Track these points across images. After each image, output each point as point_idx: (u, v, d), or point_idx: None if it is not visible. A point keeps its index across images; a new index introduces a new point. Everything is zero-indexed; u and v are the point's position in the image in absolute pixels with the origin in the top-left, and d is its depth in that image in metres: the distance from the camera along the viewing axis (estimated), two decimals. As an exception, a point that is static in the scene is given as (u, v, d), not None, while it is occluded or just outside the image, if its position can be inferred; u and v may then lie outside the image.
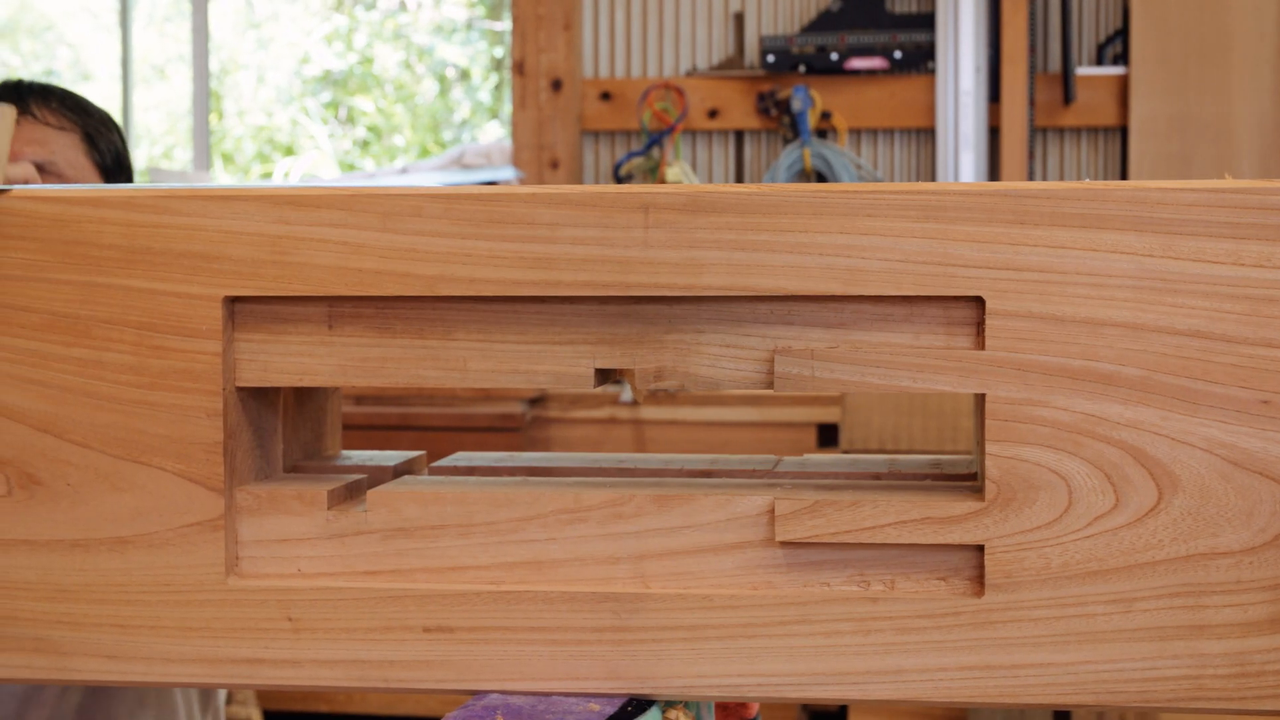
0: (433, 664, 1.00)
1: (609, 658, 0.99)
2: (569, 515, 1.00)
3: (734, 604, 0.98)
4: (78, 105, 1.95)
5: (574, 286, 0.97)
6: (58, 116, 1.91)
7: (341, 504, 1.04)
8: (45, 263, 1.01)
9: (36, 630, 1.03)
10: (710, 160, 4.56)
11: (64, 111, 1.92)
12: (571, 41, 4.54)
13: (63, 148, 1.91)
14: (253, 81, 10.25)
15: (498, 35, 9.79)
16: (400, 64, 10.06)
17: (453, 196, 0.98)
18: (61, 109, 1.92)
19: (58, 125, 1.90)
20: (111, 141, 1.96)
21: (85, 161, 1.92)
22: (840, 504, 0.98)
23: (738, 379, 0.99)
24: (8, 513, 1.02)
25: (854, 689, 0.98)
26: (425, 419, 3.92)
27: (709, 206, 0.96)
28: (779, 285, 0.96)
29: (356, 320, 1.01)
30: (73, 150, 1.92)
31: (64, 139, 1.91)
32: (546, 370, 1.00)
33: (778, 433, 3.78)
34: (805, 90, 4.34)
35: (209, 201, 1.00)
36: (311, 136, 10.04)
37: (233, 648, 1.01)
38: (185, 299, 1.00)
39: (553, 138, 4.54)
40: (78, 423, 1.02)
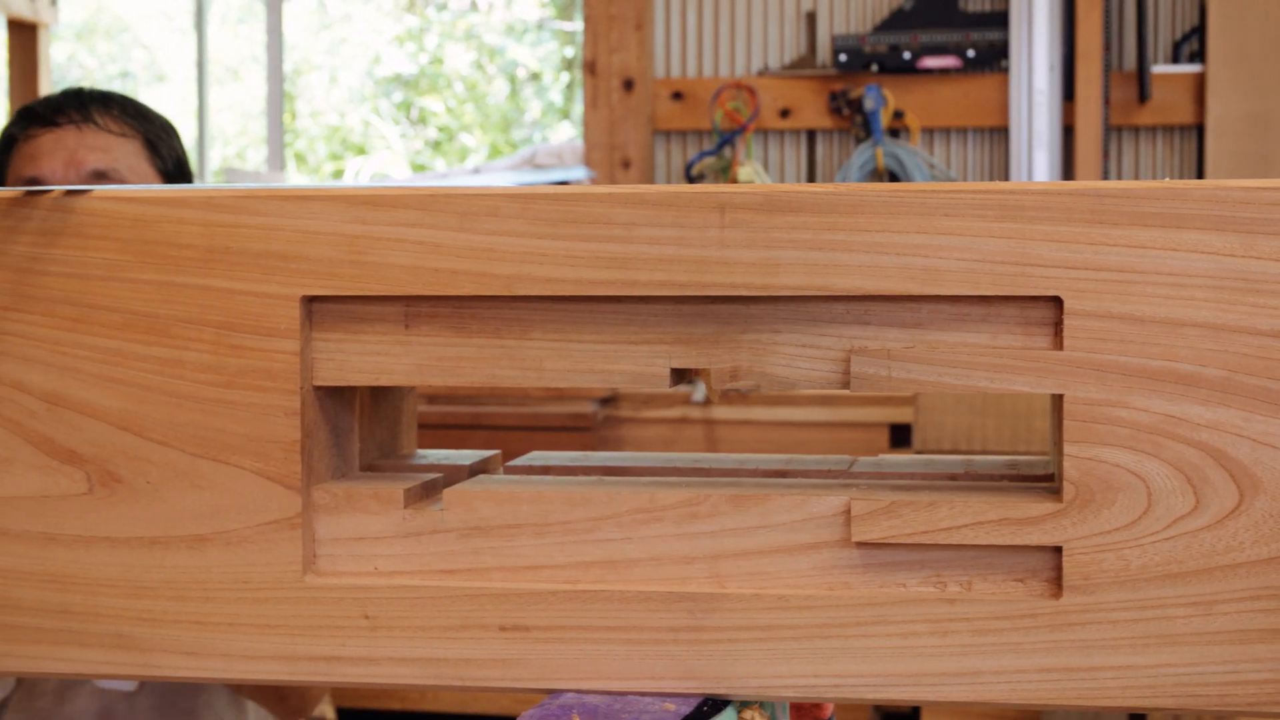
0: (509, 663, 1.00)
1: (684, 657, 0.99)
2: (645, 515, 1.00)
3: (810, 604, 0.98)
4: (139, 112, 1.97)
5: (650, 286, 0.97)
6: (119, 124, 1.93)
7: (418, 503, 1.04)
8: (125, 262, 1.02)
9: (117, 627, 1.03)
10: (782, 160, 4.55)
11: (125, 119, 1.94)
12: (643, 41, 4.54)
13: (125, 154, 1.93)
14: (325, 82, 10.31)
15: (569, 35, 9.80)
16: (471, 64, 10.09)
17: (530, 196, 0.98)
18: (123, 116, 1.94)
19: (119, 132, 1.92)
20: (173, 147, 1.98)
21: (147, 168, 1.94)
22: (917, 505, 0.97)
23: (813, 379, 0.99)
24: (89, 510, 1.03)
25: (930, 690, 0.98)
26: (497, 418, 3.93)
27: (785, 206, 0.96)
28: (855, 285, 0.96)
29: (433, 320, 1.01)
30: (134, 157, 1.94)
31: (126, 146, 1.93)
32: (622, 370, 1.00)
33: (850, 433, 3.77)
34: (878, 89, 4.33)
35: (287, 201, 1.00)
36: (383, 137, 10.09)
37: (310, 645, 1.02)
38: (263, 298, 1.01)
39: (624, 137, 4.54)
40: (157, 421, 1.03)
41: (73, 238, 1.02)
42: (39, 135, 1.92)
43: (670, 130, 4.62)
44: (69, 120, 1.91)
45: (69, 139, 1.90)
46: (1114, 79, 4.32)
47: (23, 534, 1.04)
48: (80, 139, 1.90)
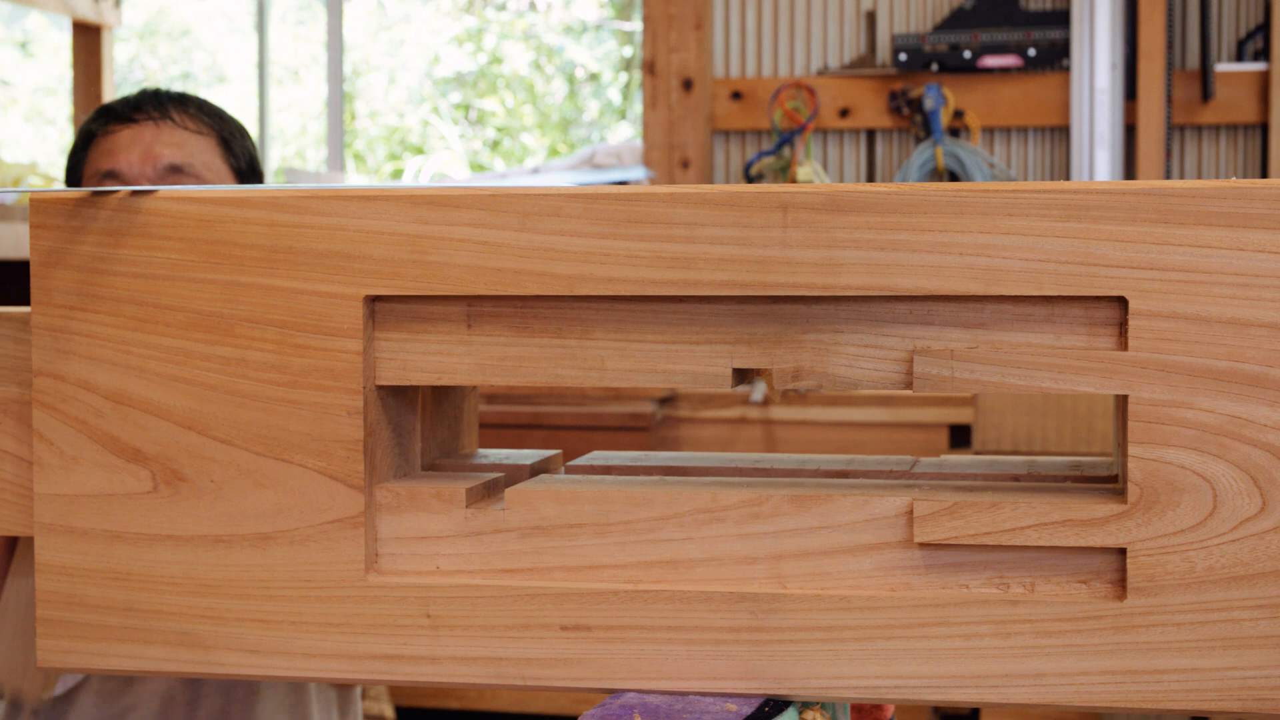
0: (570, 662, 1.01)
1: (746, 658, 0.99)
2: (706, 515, 1.00)
3: (872, 605, 0.98)
4: (214, 111, 2.00)
5: (712, 286, 0.97)
6: (195, 121, 1.96)
7: (480, 502, 1.04)
8: (190, 262, 1.03)
9: (181, 624, 1.04)
10: (841, 159, 4.54)
11: (201, 117, 1.97)
12: (702, 41, 4.54)
13: (199, 150, 1.96)
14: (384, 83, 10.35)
15: (627, 35, 9.81)
16: (530, 64, 10.11)
17: (591, 196, 0.98)
18: (199, 114, 1.97)
19: (195, 130, 1.95)
20: (245, 146, 2.01)
21: (221, 165, 1.97)
22: (980, 505, 0.97)
23: (876, 379, 0.99)
24: (154, 508, 1.04)
25: (993, 692, 0.97)
26: (556, 418, 3.94)
27: (848, 206, 0.96)
28: (918, 285, 0.96)
29: (495, 319, 1.01)
30: (209, 154, 1.97)
31: (201, 143, 1.95)
32: (684, 370, 1.00)
33: (909, 433, 3.76)
34: (938, 89, 4.31)
35: (350, 202, 1.01)
36: (442, 137, 10.12)
37: (372, 644, 1.02)
38: (326, 298, 1.01)
39: (683, 137, 4.54)
40: (221, 420, 1.03)
41: (139, 238, 1.03)
42: (117, 131, 1.95)
43: (729, 130, 4.61)
44: (147, 117, 1.94)
45: (146, 134, 1.93)
46: (1177, 77, 4.29)
47: (89, 532, 1.04)
48: (157, 135, 1.93)
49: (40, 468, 1.05)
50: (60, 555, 1.05)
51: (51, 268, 1.04)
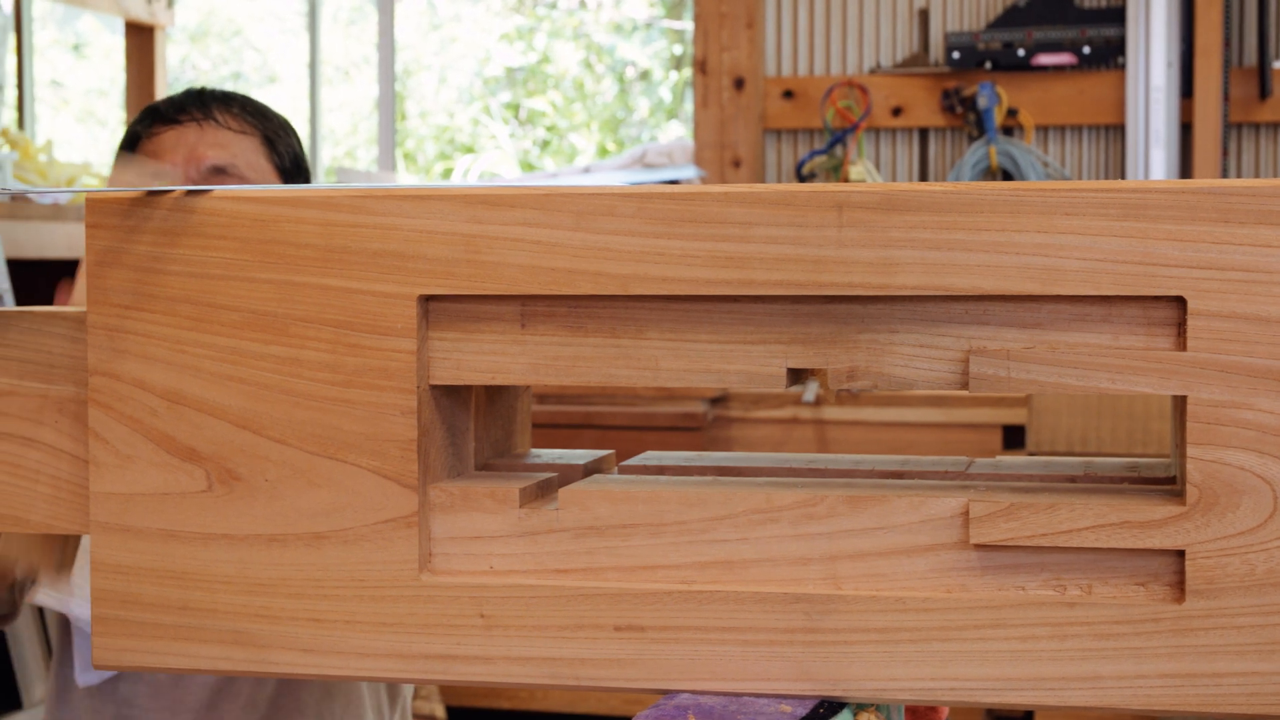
0: (624, 662, 1.00)
1: (800, 659, 0.99)
2: (761, 515, 1.00)
3: (927, 606, 0.97)
4: (258, 110, 2.00)
5: (767, 286, 0.97)
6: (239, 121, 1.96)
7: (533, 502, 1.04)
8: (245, 262, 1.03)
9: (235, 623, 1.04)
10: (894, 158, 4.53)
11: (245, 116, 1.97)
12: (754, 40, 4.53)
13: (243, 151, 1.96)
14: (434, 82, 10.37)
15: (677, 34, 9.80)
16: (580, 63, 10.12)
17: (646, 196, 0.98)
18: (242, 114, 1.97)
19: (239, 129, 1.95)
20: (290, 145, 2.01)
21: (265, 164, 1.97)
22: (1036, 507, 0.96)
23: (931, 379, 0.98)
24: (208, 507, 1.04)
25: (1049, 695, 0.97)
26: (607, 418, 3.93)
27: (903, 205, 0.95)
28: (974, 285, 0.95)
29: (549, 319, 1.01)
30: (253, 153, 1.97)
31: (245, 142, 1.96)
32: (738, 370, 0.99)
33: (962, 434, 3.74)
34: (991, 87, 4.30)
35: (404, 201, 1.01)
36: (492, 136, 10.13)
37: (426, 643, 1.02)
38: (381, 298, 1.01)
39: (735, 136, 4.53)
40: (275, 419, 1.03)
41: (193, 237, 1.03)
42: (161, 133, 1.95)
43: (781, 129, 4.60)
44: (190, 118, 1.95)
45: (190, 135, 1.94)
46: (1233, 75, 4.26)
47: (144, 530, 1.05)
48: (201, 135, 1.93)
49: (96, 466, 1.06)
50: (116, 554, 1.05)
51: (107, 267, 1.05)
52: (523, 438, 1.21)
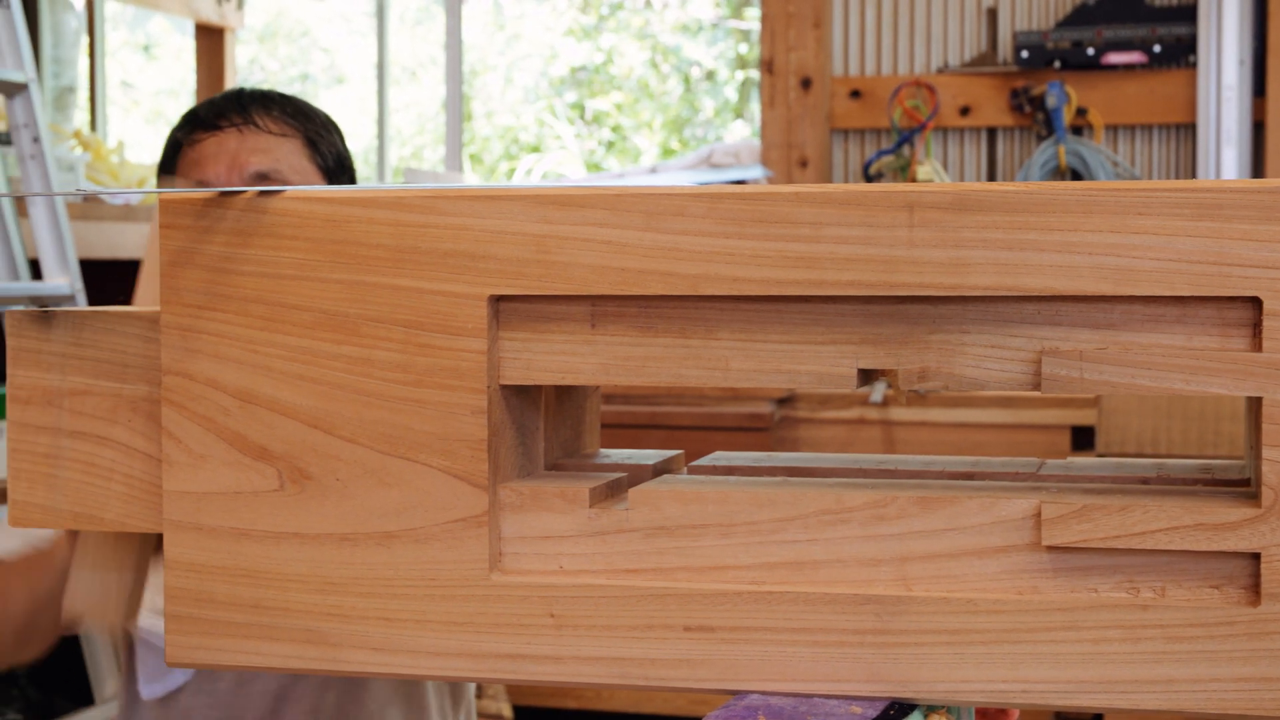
0: (694, 663, 1.00)
1: (871, 660, 0.98)
2: (831, 516, 0.99)
3: (998, 608, 0.97)
4: (298, 111, 1.97)
5: (837, 286, 0.97)
6: (279, 124, 1.93)
7: (603, 502, 1.04)
8: (317, 262, 1.03)
9: (307, 622, 1.05)
10: (961, 158, 4.51)
11: (285, 118, 1.95)
12: (821, 39, 4.52)
13: (286, 154, 1.93)
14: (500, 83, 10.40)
15: (743, 33, 9.79)
16: (645, 63, 10.12)
17: (716, 196, 0.98)
18: (283, 116, 1.94)
19: (280, 132, 1.93)
20: (333, 144, 1.98)
21: (308, 165, 1.95)
22: (1109, 508, 0.96)
23: (1003, 380, 0.98)
24: (280, 506, 1.05)
25: (1122, 698, 0.96)
26: (674, 418, 3.93)
27: (975, 205, 0.95)
28: (1047, 285, 0.95)
29: (619, 319, 1.01)
30: (296, 156, 1.94)
31: (286, 145, 1.93)
32: (809, 370, 0.99)
33: (1030, 435, 3.72)
34: (1060, 86, 4.27)
35: (475, 201, 1.01)
36: (557, 137, 10.15)
37: (496, 643, 1.02)
38: (451, 298, 1.01)
39: (802, 136, 4.52)
40: (346, 419, 1.04)
41: (265, 238, 1.04)
42: (202, 140, 1.93)
43: (848, 129, 4.59)
44: (230, 124, 1.93)
45: (230, 142, 1.91)
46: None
47: (217, 529, 1.05)
48: (241, 142, 1.91)
49: (169, 465, 1.06)
50: (188, 552, 1.06)
51: (180, 268, 1.05)
52: (592, 438, 1.21)
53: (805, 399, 3.95)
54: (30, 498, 1.13)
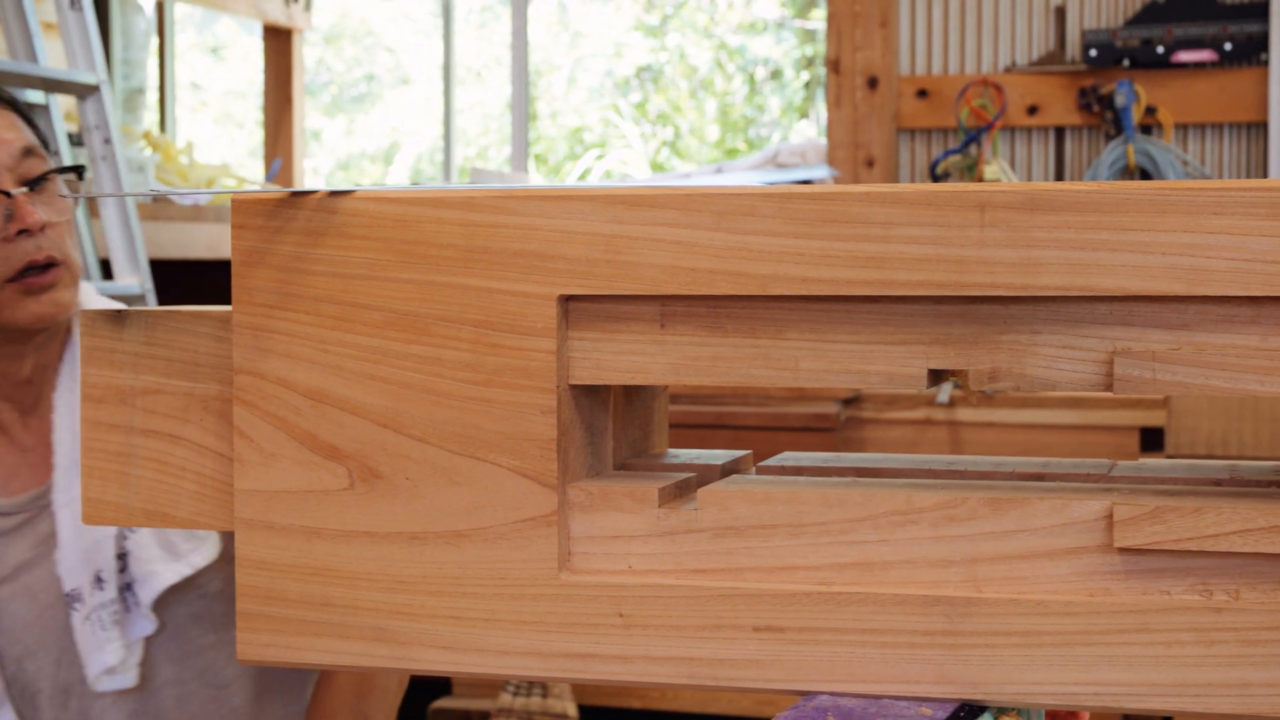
0: (763, 663, 1.00)
1: (940, 661, 0.98)
2: (901, 517, 0.99)
3: (1070, 610, 0.96)
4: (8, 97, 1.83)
5: (908, 286, 0.96)
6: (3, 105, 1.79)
7: (672, 502, 1.04)
8: (387, 262, 1.04)
9: (377, 620, 1.05)
10: (1029, 158, 4.48)
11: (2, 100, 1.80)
12: (888, 39, 4.51)
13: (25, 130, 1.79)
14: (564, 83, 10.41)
15: (808, 33, 9.77)
16: (710, 63, 10.11)
17: (786, 196, 0.98)
18: None
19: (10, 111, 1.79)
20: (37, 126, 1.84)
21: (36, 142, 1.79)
22: (1182, 510, 0.95)
23: (1075, 380, 0.97)
24: (350, 505, 1.05)
25: (1195, 701, 0.95)
26: (739, 418, 3.93)
27: (1047, 204, 0.94)
28: (1119, 285, 0.94)
29: (689, 319, 1.01)
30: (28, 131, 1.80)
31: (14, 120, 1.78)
32: (879, 371, 0.99)
33: (1099, 436, 3.70)
34: (1129, 85, 4.24)
35: (544, 201, 1.01)
36: (622, 136, 10.16)
37: (565, 642, 1.03)
38: (521, 297, 1.02)
39: (868, 136, 4.51)
40: (416, 418, 1.04)
41: (336, 237, 1.04)
42: None
43: (914, 128, 4.58)
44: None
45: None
46: (1378, 71, 4.18)
47: (288, 528, 1.06)
48: None
49: (240, 464, 1.07)
50: (259, 550, 1.07)
51: (252, 267, 1.06)
52: (660, 438, 1.21)
53: (871, 399, 3.93)
54: (103, 495, 1.14)
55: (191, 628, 1.77)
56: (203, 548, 1.74)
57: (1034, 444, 3.75)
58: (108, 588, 1.70)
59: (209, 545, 1.74)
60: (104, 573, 1.70)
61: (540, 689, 3.93)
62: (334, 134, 10.92)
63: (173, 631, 1.76)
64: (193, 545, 1.73)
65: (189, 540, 1.73)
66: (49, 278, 1.67)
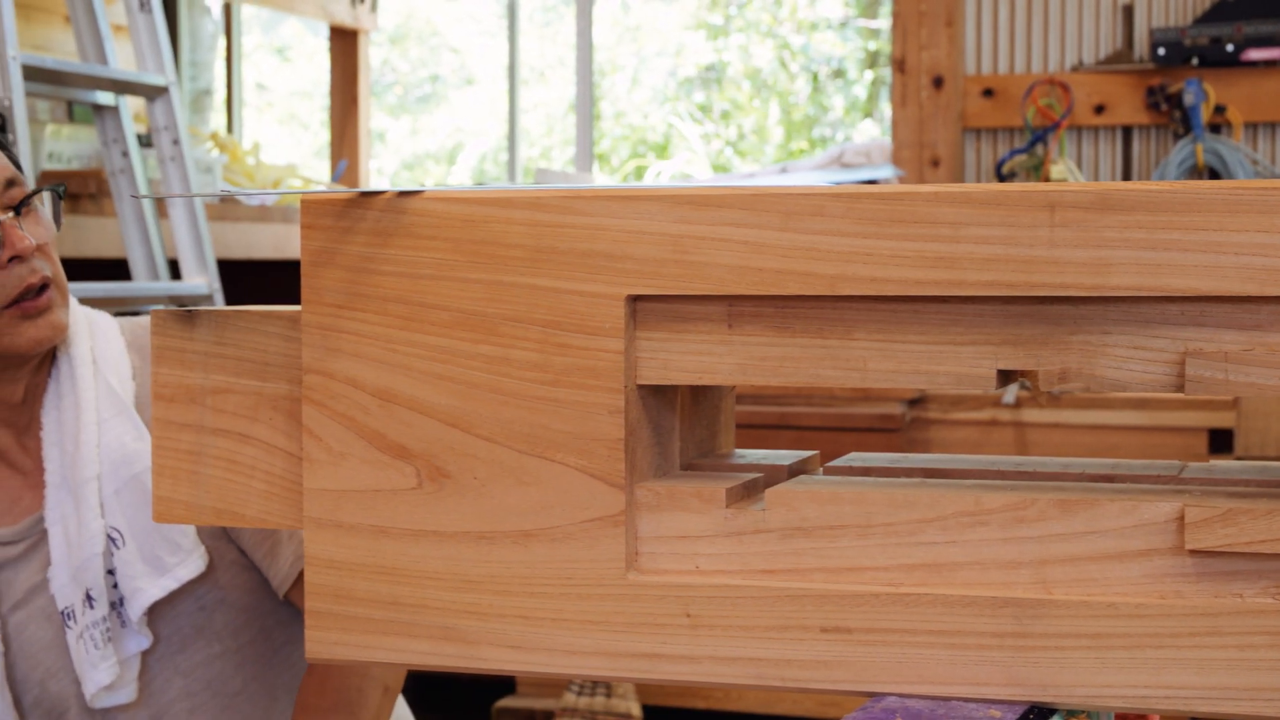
0: (830, 664, 1.00)
1: (1009, 664, 0.97)
2: (969, 518, 0.99)
3: (1140, 613, 0.95)
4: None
5: (977, 286, 0.96)
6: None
7: (739, 502, 1.04)
8: (456, 262, 1.04)
9: (445, 619, 1.06)
10: (1096, 157, 4.46)
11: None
12: (954, 38, 4.49)
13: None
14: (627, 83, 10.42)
15: (872, 32, 9.74)
16: (773, 62, 10.10)
17: (854, 196, 0.97)
18: None
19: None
20: None
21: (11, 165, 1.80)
22: (1255, 512, 0.94)
23: (1145, 381, 0.96)
24: (419, 504, 1.06)
25: (1268, 705, 0.94)
26: (803, 418, 3.92)
27: (1118, 205, 0.94)
28: (1191, 285, 0.93)
29: (756, 319, 1.01)
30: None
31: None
32: (948, 371, 0.98)
33: (1166, 437, 3.67)
34: (1198, 83, 4.21)
35: (612, 202, 1.01)
36: (684, 137, 10.15)
37: (632, 642, 1.03)
38: (589, 298, 1.02)
39: (933, 135, 4.49)
40: (484, 418, 1.04)
41: (405, 238, 1.05)
42: None
43: (980, 128, 4.55)
44: None
45: None
46: None
47: (356, 526, 1.06)
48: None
49: (309, 463, 1.07)
50: (328, 549, 1.07)
51: (321, 268, 1.07)
52: (726, 438, 1.21)
53: (936, 400, 3.92)
54: (174, 494, 1.14)
55: (195, 640, 1.77)
56: (189, 560, 1.72)
57: (1100, 445, 3.72)
58: (98, 605, 1.69)
59: (195, 558, 1.72)
60: (94, 590, 1.70)
61: (604, 688, 3.93)
62: (398, 134, 10.97)
63: (177, 645, 1.76)
64: (178, 559, 1.72)
65: (174, 554, 1.72)
66: (44, 300, 1.68)
